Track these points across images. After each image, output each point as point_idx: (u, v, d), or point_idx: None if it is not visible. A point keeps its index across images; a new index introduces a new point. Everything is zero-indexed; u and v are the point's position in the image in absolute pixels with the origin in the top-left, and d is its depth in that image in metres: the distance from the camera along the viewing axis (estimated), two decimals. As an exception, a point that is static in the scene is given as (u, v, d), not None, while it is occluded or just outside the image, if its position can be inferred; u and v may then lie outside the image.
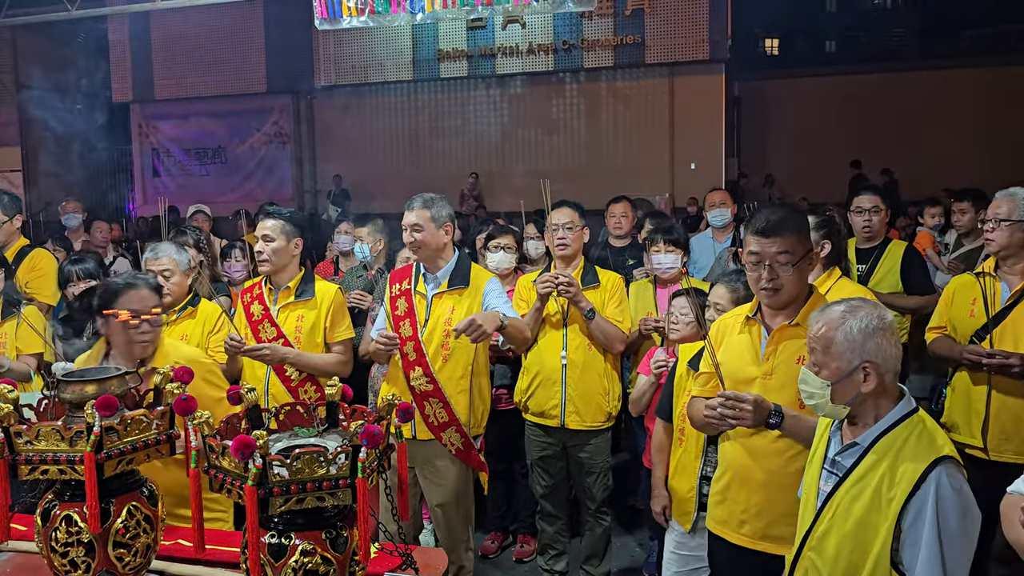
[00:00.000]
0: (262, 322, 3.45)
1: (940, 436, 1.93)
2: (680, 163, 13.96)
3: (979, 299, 3.28)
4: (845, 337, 1.91)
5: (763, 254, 2.36)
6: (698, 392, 2.66)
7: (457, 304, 3.28)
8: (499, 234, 4.36)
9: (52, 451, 1.68)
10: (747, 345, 2.47)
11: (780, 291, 2.37)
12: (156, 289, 2.81)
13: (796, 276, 2.37)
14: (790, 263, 2.34)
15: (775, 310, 2.45)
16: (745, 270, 2.58)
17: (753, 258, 2.39)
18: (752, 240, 2.40)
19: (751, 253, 2.40)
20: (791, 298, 2.40)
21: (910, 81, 16.37)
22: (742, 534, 2.46)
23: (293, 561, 1.58)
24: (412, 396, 3.24)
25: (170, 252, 3.59)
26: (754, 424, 2.31)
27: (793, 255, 2.34)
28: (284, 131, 15.63)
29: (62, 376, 1.79)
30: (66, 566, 1.73)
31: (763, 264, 2.36)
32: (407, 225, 3.28)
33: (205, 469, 1.62)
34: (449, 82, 14.58)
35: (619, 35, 13.54)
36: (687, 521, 2.94)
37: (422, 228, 3.27)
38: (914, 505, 1.81)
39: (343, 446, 1.56)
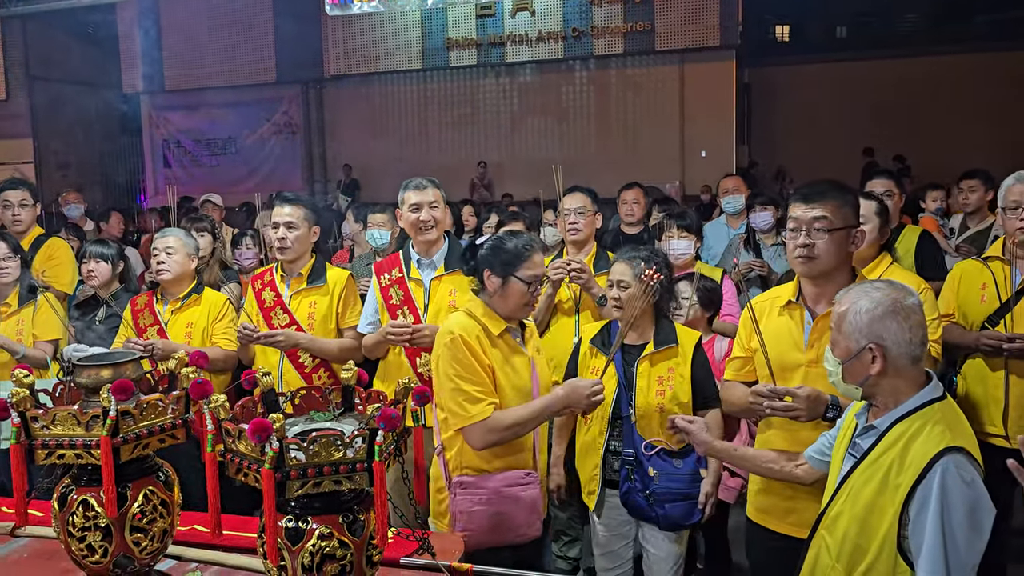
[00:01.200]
0: (274, 308, 3.45)
1: (960, 427, 1.88)
2: (690, 151, 13.89)
3: (989, 284, 3.23)
4: (854, 317, 1.90)
5: (801, 219, 2.33)
6: (731, 376, 2.62)
7: (458, 286, 3.27)
8: (509, 221, 4.34)
9: (68, 435, 1.67)
10: (789, 330, 2.42)
11: (815, 260, 2.32)
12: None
13: (833, 246, 2.31)
14: (826, 229, 2.29)
15: (814, 281, 2.40)
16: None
17: (792, 224, 2.35)
18: (793, 207, 2.36)
19: (791, 219, 2.36)
20: (825, 270, 2.34)
21: (922, 67, 16.19)
22: (788, 523, 2.42)
23: (310, 545, 1.57)
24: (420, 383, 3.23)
25: (178, 234, 3.63)
26: (808, 418, 2.25)
27: (831, 223, 2.30)
28: (294, 121, 15.63)
29: (78, 361, 1.79)
30: (83, 551, 1.73)
31: (800, 231, 2.33)
32: (424, 202, 3.24)
33: (221, 453, 1.61)
34: (458, 71, 14.53)
35: (629, 22, 13.45)
36: (591, 500, 2.96)
37: (438, 205, 3.26)
38: (920, 493, 1.79)
39: (360, 429, 1.55)
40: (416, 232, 3.30)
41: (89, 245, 4.05)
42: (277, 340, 3.34)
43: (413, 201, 3.26)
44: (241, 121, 15.66)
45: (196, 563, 2.05)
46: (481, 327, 2.52)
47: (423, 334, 3.11)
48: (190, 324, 3.51)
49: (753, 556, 2.65)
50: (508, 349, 2.57)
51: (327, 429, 1.62)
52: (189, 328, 3.49)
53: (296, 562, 1.57)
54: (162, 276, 3.57)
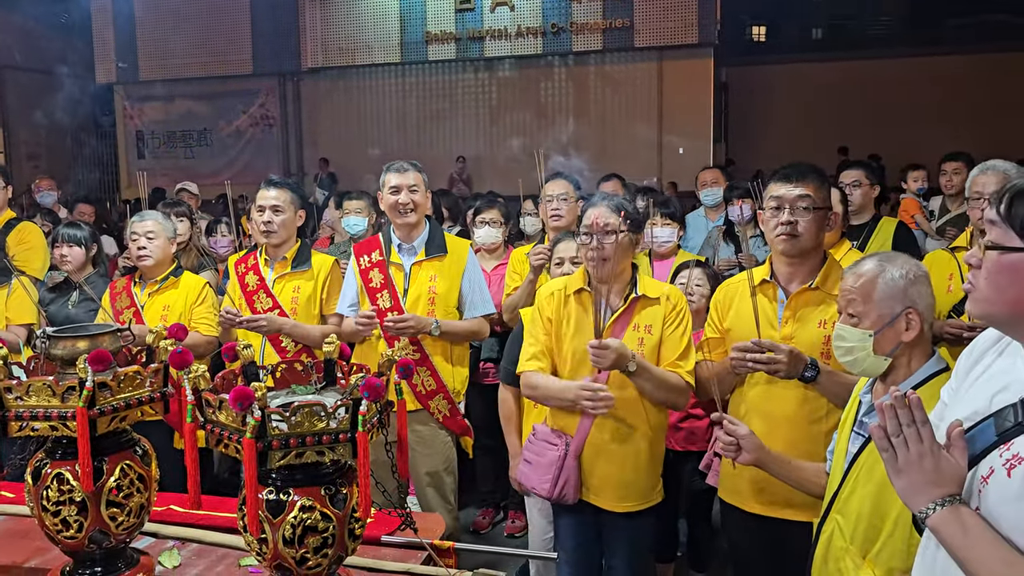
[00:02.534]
0: (257, 292, 3.42)
1: None
2: (668, 147, 13.95)
3: (956, 274, 3.28)
4: (887, 284, 1.89)
5: (784, 198, 2.37)
6: (704, 357, 2.64)
7: (439, 272, 3.27)
8: (484, 208, 4.33)
9: (43, 407, 1.63)
10: (763, 309, 2.45)
11: (797, 237, 2.36)
12: None
13: (814, 225, 2.36)
14: (810, 207, 2.34)
15: (788, 261, 2.43)
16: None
17: (774, 203, 2.39)
18: (775, 186, 2.40)
19: (773, 198, 2.39)
20: (807, 248, 2.39)
21: (896, 68, 16.43)
22: (760, 503, 2.45)
23: (292, 517, 1.55)
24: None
25: (156, 217, 3.58)
26: (787, 375, 2.29)
27: (814, 201, 2.35)
28: (270, 114, 15.51)
29: (53, 332, 1.75)
30: (58, 525, 1.69)
31: (783, 209, 2.35)
32: (404, 185, 3.23)
33: (201, 424, 1.59)
34: (437, 65, 14.49)
35: (608, 18, 13.50)
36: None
37: (418, 189, 3.24)
38: None
39: (344, 399, 1.53)
40: (395, 215, 3.28)
41: (62, 228, 3.98)
42: (260, 325, 3.31)
43: (393, 183, 3.24)
44: (217, 113, 15.51)
45: (174, 540, 2.01)
46: (564, 285, 2.68)
47: (408, 324, 3.10)
48: (166, 307, 3.46)
49: (729, 536, 2.67)
50: (580, 310, 2.63)
51: (310, 400, 1.60)
52: (165, 311, 3.45)
53: (277, 534, 1.55)
54: (144, 262, 3.51)
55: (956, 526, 1.24)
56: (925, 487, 1.28)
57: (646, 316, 2.62)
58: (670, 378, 2.57)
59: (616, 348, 2.42)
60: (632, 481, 2.64)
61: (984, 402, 1.33)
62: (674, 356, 2.60)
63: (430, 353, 3.24)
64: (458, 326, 3.27)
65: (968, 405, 1.37)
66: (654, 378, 2.53)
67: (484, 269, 3.96)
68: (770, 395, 2.42)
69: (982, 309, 1.31)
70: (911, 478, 1.29)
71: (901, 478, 1.30)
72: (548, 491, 2.64)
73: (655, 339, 2.60)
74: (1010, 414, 1.26)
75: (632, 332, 2.60)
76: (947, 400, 1.49)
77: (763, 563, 2.53)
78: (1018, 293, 1.25)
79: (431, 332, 3.18)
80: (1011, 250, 1.25)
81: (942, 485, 1.27)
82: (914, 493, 1.29)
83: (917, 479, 1.28)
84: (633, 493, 2.65)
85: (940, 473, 1.27)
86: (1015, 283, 1.25)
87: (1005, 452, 1.23)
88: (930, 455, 1.27)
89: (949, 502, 1.26)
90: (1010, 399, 1.27)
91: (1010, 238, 1.26)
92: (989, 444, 1.27)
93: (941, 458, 1.28)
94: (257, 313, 3.35)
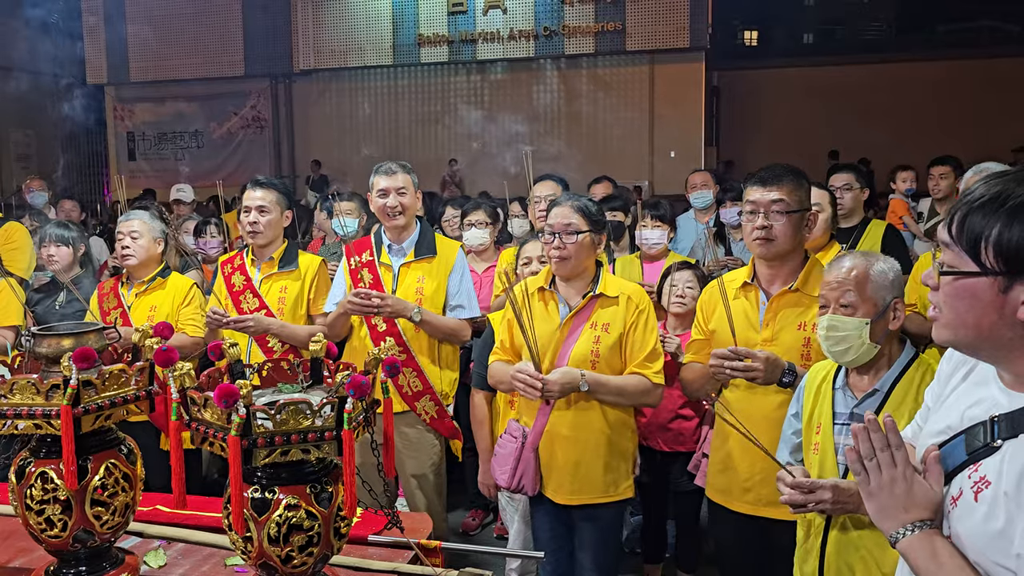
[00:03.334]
0: (244, 292, 3.41)
1: None
2: (660, 151, 13.98)
3: None
4: (878, 275, 2.02)
5: (759, 203, 2.39)
6: (691, 358, 2.66)
7: (427, 273, 3.27)
8: (472, 210, 4.33)
9: (27, 405, 1.62)
10: (744, 311, 2.48)
11: (773, 241, 2.39)
12: None
13: (790, 228, 2.38)
14: (784, 211, 2.36)
15: (768, 263, 2.46)
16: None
17: (750, 207, 2.41)
18: (751, 190, 2.42)
19: (749, 202, 2.42)
20: (782, 251, 2.41)
21: (886, 73, 16.53)
22: (746, 502, 2.47)
23: (277, 515, 1.54)
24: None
25: (142, 216, 3.56)
26: (765, 381, 2.33)
27: (788, 205, 2.37)
28: (262, 115, 15.47)
29: (38, 330, 1.74)
30: (42, 524, 1.68)
31: (759, 213, 2.37)
32: (392, 188, 3.23)
33: (186, 422, 1.58)
34: (429, 67, 14.49)
35: (600, 22, 13.52)
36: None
37: (407, 191, 3.24)
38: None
39: (329, 397, 1.53)
40: (384, 218, 3.28)
41: (49, 228, 3.96)
42: (247, 325, 3.29)
43: (381, 186, 3.25)
44: (208, 114, 15.47)
45: (160, 540, 2.00)
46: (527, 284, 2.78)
47: (386, 304, 3.10)
48: (153, 308, 3.44)
49: (717, 536, 2.68)
50: (541, 306, 2.73)
51: (295, 397, 1.59)
52: (152, 312, 3.43)
53: (262, 532, 1.54)
54: (128, 261, 3.50)
55: (926, 552, 1.22)
56: (896, 511, 1.26)
57: (604, 315, 2.66)
58: (629, 385, 2.62)
59: (558, 380, 2.52)
60: (589, 475, 2.68)
61: (957, 416, 1.31)
62: (641, 356, 2.63)
63: (415, 353, 3.23)
64: (438, 319, 3.26)
65: (942, 418, 1.36)
66: (611, 389, 2.60)
67: (474, 271, 3.96)
68: (750, 398, 2.45)
69: (948, 335, 1.24)
70: (882, 502, 1.28)
71: (872, 501, 1.29)
72: (507, 481, 2.74)
73: (612, 338, 2.63)
74: (980, 433, 1.24)
75: (589, 330, 2.65)
76: (931, 404, 1.49)
77: (750, 562, 2.54)
78: (978, 318, 1.18)
79: (411, 317, 3.17)
80: (964, 275, 1.19)
81: (913, 510, 1.25)
82: (885, 517, 1.28)
83: (888, 503, 1.27)
84: (589, 487, 2.68)
85: (912, 498, 1.26)
86: (973, 308, 1.18)
87: (973, 474, 1.22)
88: (902, 480, 1.26)
89: (920, 527, 1.24)
90: (981, 416, 1.25)
91: (964, 262, 1.19)
92: (959, 463, 1.26)
93: (915, 483, 1.26)
94: (244, 314, 3.34)
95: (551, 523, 2.79)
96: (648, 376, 2.62)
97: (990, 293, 1.16)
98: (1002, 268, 1.15)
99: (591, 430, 2.65)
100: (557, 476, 2.70)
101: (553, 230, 2.63)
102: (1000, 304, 1.16)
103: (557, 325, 2.67)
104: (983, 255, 1.16)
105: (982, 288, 1.17)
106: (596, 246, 2.70)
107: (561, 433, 2.66)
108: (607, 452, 2.67)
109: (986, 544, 1.16)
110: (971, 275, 1.18)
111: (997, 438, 1.20)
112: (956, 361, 1.42)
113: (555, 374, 2.54)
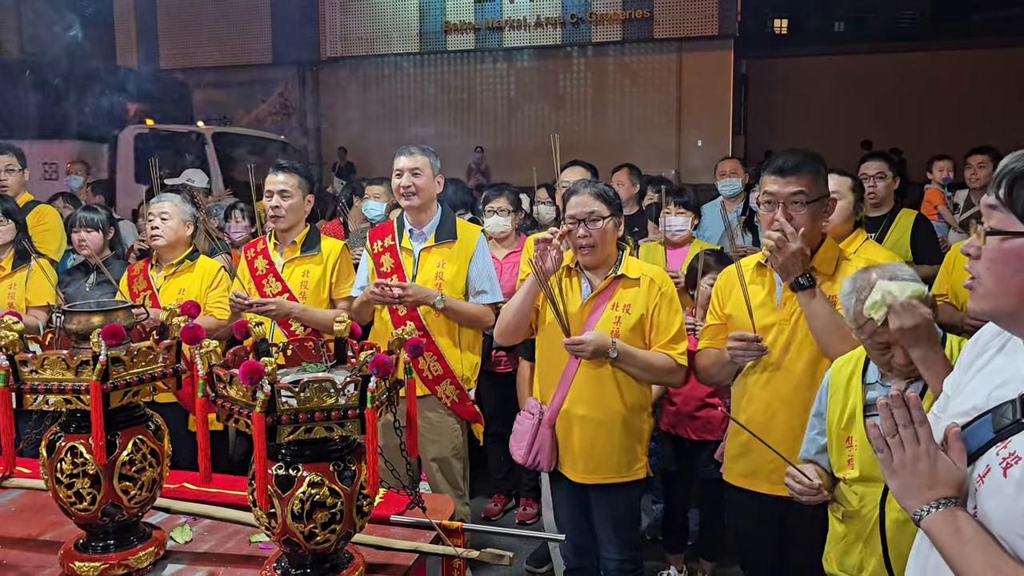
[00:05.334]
0: (266, 276, 3.43)
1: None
2: (687, 140, 13.89)
3: None
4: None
5: (778, 195, 2.36)
6: (707, 344, 2.65)
7: (447, 258, 3.28)
8: (493, 197, 4.32)
9: (58, 380, 1.65)
10: (761, 293, 2.46)
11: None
12: None
13: (809, 219, 2.35)
14: (803, 202, 2.34)
15: None
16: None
17: (768, 197, 2.38)
18: (768, 180, 2.39)
19: (767, 193, 2.39)
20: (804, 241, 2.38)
21: (920, 61, 16.25)
22: (773, 483, 2.45)
23: (301, 492, 1.56)
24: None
25: (173, 199, 3.60)
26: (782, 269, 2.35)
27: (807, 195, 2.35)
28: (289, 103, 15.55)
29: (68, 307, 1.77)
30: (71, 498, 1.71)
31: (777, 204, 2.35)
32: (405, 168, 3.26)
33: (212, 399, 1.60)
34: (456, 55, 14.48)
35: (627, 9, 13.44)
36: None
37: (421, 173, 3.26)
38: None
39: (353, 375, 1.54)
40: (399, 197, 3.34)
41: (79, 212, 4.02)
42: (269, 309, 3.32)
43: (398, 166, 3.30)
44: (236, 102, 15.58)
45: (186, 516, 2.03)
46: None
47: (408, 293, 3.12)
48: (182, 290, 3.48)
49: (740, 521, 2.65)
50: (567, 285, 2.77)
51: (319, 376, 1.60)
52: (181, 294, 3.47)
53: (286, 509, 1.56)
54: (156, 242, 3.54)
55: (950, 529, 1.20)
56: (919, 489, 1.25)
57: (626, 296, 2.70)
58: (655, 361, 2.66)
59: (593, 340, 2.56)
60: (605, 455, 2.72)
61: (983, 397, 1.29)
62: (666, 338, 2.68)
63: (435, 336, 3.24)
64: (461, 305, 3.28)
65: (968, 399, 1.34)
66: (638, 362, 2.64)
67: (496, 257, 3.96)
68: (770, 382, 2.43)
69: (987, 305, 1.23)
70: (905, 480, 1.26)
71: (895, 479, 1.28)
72: (523, 457, 2.79)
73: (633, 319, 2.68)
74: (1008, 411, 1.22)
75: (610, 311, 2.69)
76: (949, 392, 1.47)
77: (769, 545, 2.53)
78: (1022, 282, 1.18)
79: (435, 305, 3.19)
80: (1014, 235, 1.18)
81: (937, 488, 1.23)
82: (908, 495, 1.26)
83: (911, 481, 1.25)
84: (605, 467, 2.72)
85: (935, 476, 1.24)
86: (1020, 270, 1.17)
87: (1002, 450, 1.20)
88: (926, 457, 1.25)
89: (944, 504, 1.22)
90: (1008, 395, 1.24)
91: (1012, 222, 1.18)
92: (986, 441, 1.24)
93: (938, 460, 1.25)
94: (267, 297, 3.37)
95: (569, 501, 2.84)
96: (673, 356, 2.67)
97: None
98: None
99: (608, 410, 2.69)
100: (573, 455, 2.74)
101: (576, 218, 2.66)
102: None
103: (579, 304, 2.71)
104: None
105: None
106: (617, 229, 2.73)
107: (578, 413, 2.71)
108: (623, 433, 2.72)
109: (1017, 520, 1.15)
110: (1020, 235, 1.17)
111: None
112: (979, 347, 1.41)
113: (589, 335, 2.59)
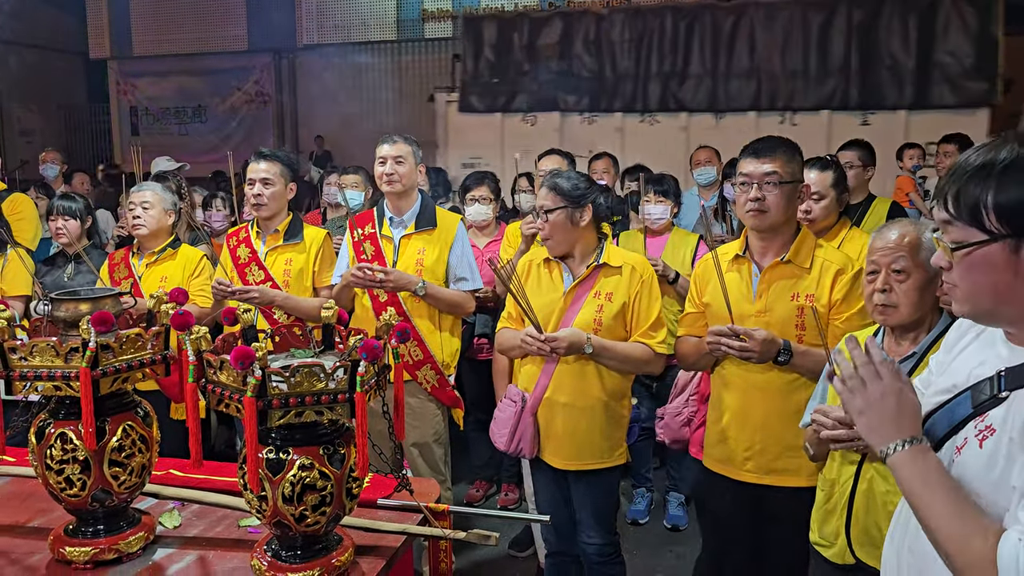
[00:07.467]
0: (249, 265, 3.44)
1: None
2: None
3: None
4: (929, 241, 1.95)
5: (752, 175, 2.42)
6: (685, 332, 2.70)
7: (427, 245, 3.32)
8: (474, 185, 4.34)
9: (47, 367, 1.66)
10: (738, 283, 2.51)
11: (766, 213, 2.42)
12: None
13: (783, 200, 2.41)
14: (776, 183, 2.39)
15: (761, 235, 2.48)
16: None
17: (743, 179, 2.44)
18: (744, 162, 2.45)
19: (742, 175, 2.45)
20: (775, 223, 2.44)
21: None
22: (746, 471, 2.52)
23: (291, 475, 1.59)
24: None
25: (155, 188, 3.59)
26: (760, 360, 2.36)
27: (781, 176, 2.40)
28: (265, 90, 15.39)
29: (56, 295, 1.78)
30: (61, 483, 1.73)
31: (751, 184, 2.40)
32: (388, 156, 3.29)
33: (202, 386, 1.62)
34: (434, 43, 14.40)
35: (605, -2, 13.41)
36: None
37: (404, 161, 3.28)
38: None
39: (342, 360, 1.57)
40: (381, 184, 3.36)
41: (57, 200, 4.00)
42: (252, 297, 3.32)
43: (381, 154, 3.33)
44: (211, 89, 15.38)
45: (175, 502, 2.05)
46: (533, 256, 2.90)
47: (389, 278, 3.16)
48: (164, 278, 3.48)
49: (715, 504, 2.70)
50: (546, 274, 2.84)
51: (309, 361, 1.63)
52: (163, 282, 3.47)
53: (277, 492, 1.59)
54: (138, 231, 3.53)
55: (916, 469, 1.24)
56: (886, 427, 1.27)
57: (608, 284, 2.75)
58: (633, 352, 2.71)
59: (567, 337, 2.61)
60: (587, 441, 2.77)
61: (963, 376, 1.35)
62: (645, 326, 2.72)
63: (416, 321, 3.28)
64: (443, 292, 3.32)
65: (949, 378, 1.39)
66: (616, 355, 2.70)
67: (476, 246, 3.99)
68: (747, 368, 2.48)
69: (968, 307, 1.28)
70: (870, 419, 1.29)
71: (862, 418, 1.30)
72: (505, 445, 2.84)
73: (615, 307, 2.72)
74: (986, 387, 1.27)
75: (593, 299, 2.74)
76: (934, 369, 1.52)
77: (743, 529, 2.58)
78: (995, 283, 1.22)
79: (416, 291, 3.22)
80: (975, 245, 1.22)
81: (903, 426, 1.27)
82: (874, 433, 1.29)
83: (878, 421, 1.28)
84: (587, 452, 2.78)
85: (903, 411, 1.28)
86: (991, 272, 1.22)
87: (979, 423, 1.26)
88: (892, 394, 1.28)
89: (911, 443, 1.26)
90: (987, 373, 1.29)
91: (970, 233, 1.22)
92: (965, 416, 1.29)
93: (903, 395, 1.29)
94: (250, 285, 3.38)
95: (550, 486, 2.90)
96: (651, 345, 2.71)
97: (1003, 256, 1.21)
98: (1007, 230, 1.20)
99: (589, 398, 2.74)
100: (555, 442, 2.79)
101: (538, 212, 2.76)
102: (1015, 264, 1.20)
103: (562, 294, 2.74)
104: (987, 222, 1.21)
105: (994, 253, 1.21)
106: (577, 221, 2.73)
107: (560, 401, 2.76)
108: (604, 420, 2.77)
109: (990, 488, 1.20)
110: (982, 244, 1.22)
111: (1004, 390, 1.25)
112: (963, 329, 1.46)
113: (562, 332, 2.64)
